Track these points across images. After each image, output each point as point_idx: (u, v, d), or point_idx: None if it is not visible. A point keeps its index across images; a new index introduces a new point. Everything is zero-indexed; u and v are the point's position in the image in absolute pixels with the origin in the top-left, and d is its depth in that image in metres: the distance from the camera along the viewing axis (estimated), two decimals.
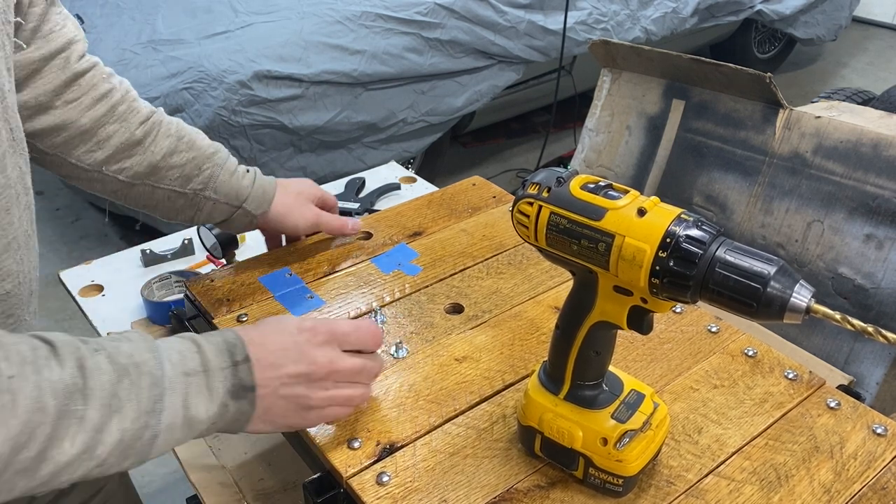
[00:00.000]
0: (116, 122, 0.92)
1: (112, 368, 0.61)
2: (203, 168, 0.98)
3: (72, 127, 0.89)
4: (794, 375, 0.87)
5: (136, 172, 0.95)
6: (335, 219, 1.09)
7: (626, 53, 1.48)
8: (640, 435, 0.72)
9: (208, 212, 1.02)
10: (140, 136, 0.94)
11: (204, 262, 1.43)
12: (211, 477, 1.02)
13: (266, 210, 1.03)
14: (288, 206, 1.05)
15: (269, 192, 1.03)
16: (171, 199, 0.99)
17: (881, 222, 1.17)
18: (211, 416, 0.67)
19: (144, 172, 0.95)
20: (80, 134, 0.90)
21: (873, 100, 2.65)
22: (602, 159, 1.55)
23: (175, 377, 0.64)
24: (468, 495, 0.73)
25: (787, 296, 0.58)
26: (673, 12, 3.76)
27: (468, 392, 0.84)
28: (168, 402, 0.64)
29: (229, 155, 1.03)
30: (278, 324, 0.74)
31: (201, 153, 0.99)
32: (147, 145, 0.95)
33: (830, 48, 5.29)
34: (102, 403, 0.59)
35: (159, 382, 0.63)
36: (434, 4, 3.03)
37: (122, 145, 0.93)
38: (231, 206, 1.02)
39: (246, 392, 0.69)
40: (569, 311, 0.71)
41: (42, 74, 0.86)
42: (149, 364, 0.63)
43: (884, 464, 0.76)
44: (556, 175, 0.68)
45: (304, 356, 0.72)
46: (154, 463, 1.66)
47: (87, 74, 0.91)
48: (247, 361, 0.69)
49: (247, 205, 1.02)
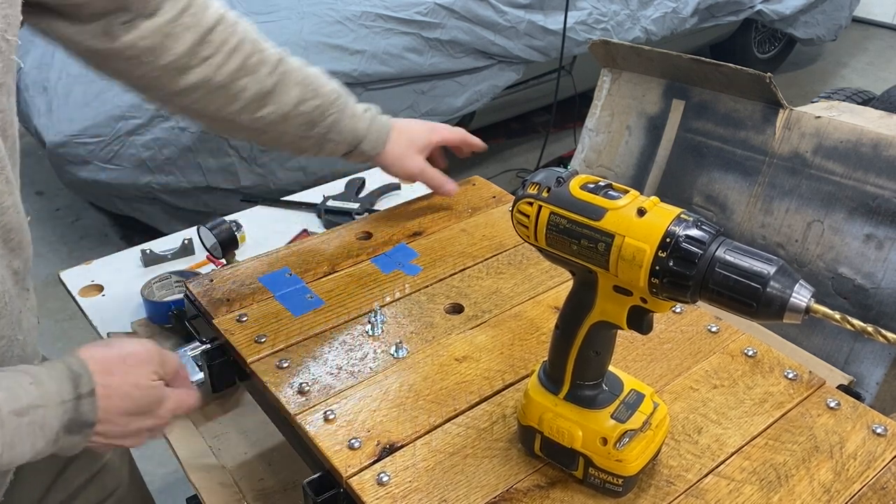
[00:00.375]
0: (248, 75, 0.97)
1: None
2: (327, 114, 1.05)
3: (209, 84, 0.95)
4: (794, 375, 0.87)
5: (269, 121, 1.02)
6: (436, 176, 1.17)
7: (626, 53, 1.48)
8: (640, 435, 0.72)
9: (330, 151, 1.10)
10: (270, 85, 1.00)
11: (204, 262, 1.43)
12: (211, 477, 1.02)
13: (380, 152, 1.12)
14: (396, 154, 1.13)
15: (382, 136, 1.11)
16: (296, 142, 1.07)
17: (881, 222, 1.17)
18: (37, 451, 0.64)
19: (276, 121, 1.02)
20: (216, 89, 0.96)
21: (873, 100, 2.65)
22: (602, 159, 1.55)
23: (3, 417, 0.61)
24: (468, 495, 0.73)
25: (786, 296, 0.58)
26: (673, 12, 3.76)
27: (468, 392, 0.84)
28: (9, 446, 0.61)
29: (349, 96, 1.09)
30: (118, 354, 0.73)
31: (326, 100, 1.05)
32: (277, 94, 1.00)
33: (830, 48, 5.29)
34: None
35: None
36: (434, 4, 3.03)
37: (255, 96, 0.99)
38: (349, 146, 1.10)
39: (83, 428, 0.67)
40: (569, 311, 0.71)
41: (175, 36, 0.91)
42: None
43: (884, 464, 0.76)
44: (555, 175, 0.68)
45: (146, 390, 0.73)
46: (154, 463, 1.66)
47: (216, 29, 0.95)
48: (91, 395, 0.66)
49: (362, 146, 1.10)
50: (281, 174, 2.86)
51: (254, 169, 2.81)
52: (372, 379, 0.86)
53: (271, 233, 1.56)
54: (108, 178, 2.72)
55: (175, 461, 1.06)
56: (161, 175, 2.73)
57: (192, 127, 2.68)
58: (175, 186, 2.77)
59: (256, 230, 1.57)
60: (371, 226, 1.15)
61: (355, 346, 0.91)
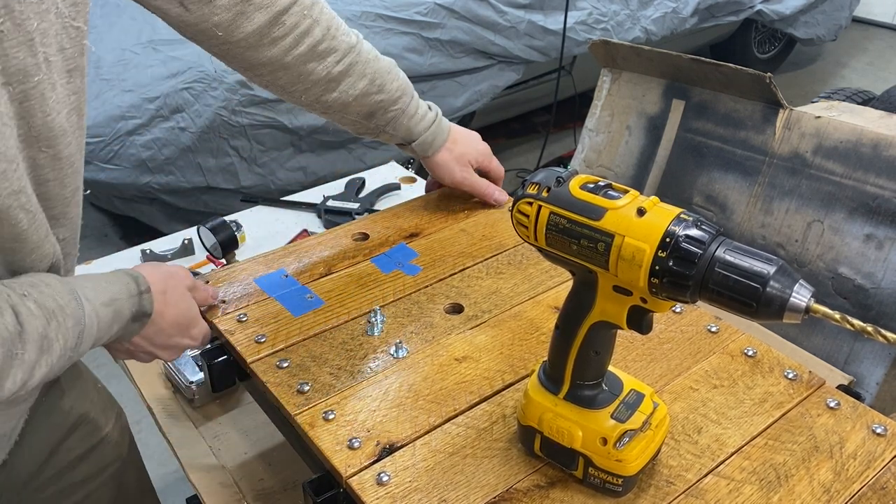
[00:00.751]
0: (316, 60, 1.01)
1: (41, 313, 0.69)
2: (388, 111, 1.09)
3: (276, 63, 0.99)
4: (794, 375, 0.87)
5: (330, 106, 1.06)
6: (482, 185, 1.19)
7: (626, 53, 1.48)
8: (640, 435, 0.72)
9: (386, 140, 1.15)
10: (336, 74, 1.03)
11: (204, 262, 1.43)
12: (211, 477, 1.02)
13: (429, 155, 1.15)
14: (445, 162, 1.16)
15: (437, 143, 1.15)
16: (354, 125, 1.11)
17: (881, 222, 1.17)
18: (112, 334, 0.79)
19: (337, 107, 1.07)
20: (283, 68, 1.00)
21: (873, 100, 2.65)
22: (602, 159, 1.55)
23: (92, 311, 0.74)
24: (468, 495, 0.73)
25: (786, 295, 0.58)
26: (673, 12, 3.76)
27: (468, 392, 0.84)
28: (86, 335, 0.74)
29: (414, 97, 1.12)
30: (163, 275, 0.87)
31: (389, 97, 1.08)
32: (343, 83, 1.04)
33: (830, 48, 5.29)
34: (37, 345, 0.68)
35: (80, 321, 0.73)
36: (434, 4, 3.03)
37: (321, 81, 1.02)
38: (403, 140, 1.14)
39: (143, 317, 0.82)
40: (569, 311, 0.71)
41: (247, 15, 0.94)
42: (71, 306, 0.72)
43: (883, 464, 0.76)
44: (555, 175, 0.68)
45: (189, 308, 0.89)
46: (154, 463, 1.67)
47: (290, 11, 0.97)
48: (148, 292, 0.82)
49: (415, 146, 1.14)
50: (281, 174, 2.86)
51: (254, 169, 2.81)
52: (372, 379, 0.86)
53: (271, 233, 1.57)
54: (108, 178, 2.72)
55: (175, 461, 1.06)
56: (161, 175, 2.74)
57: (191, 127, 2.68)
58: (175, 186, 2.77)
59: (256, 230, 1.57)
60: (368, 227, 1.15)
61: (355, 346, 0.91)
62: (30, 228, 0.72)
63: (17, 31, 0.66)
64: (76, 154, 0.78)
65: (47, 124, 0.72)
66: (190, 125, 2.68)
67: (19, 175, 0.69)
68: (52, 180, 0.76)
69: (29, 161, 0.72)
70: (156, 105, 2.67)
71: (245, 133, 2.73)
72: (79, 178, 0.81)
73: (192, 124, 2.68)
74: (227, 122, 2.69)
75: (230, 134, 2.71)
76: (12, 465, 0.87)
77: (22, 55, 0.67)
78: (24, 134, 0.71)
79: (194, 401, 1.13)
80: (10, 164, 0.67)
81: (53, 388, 0.92)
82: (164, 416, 1.13)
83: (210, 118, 2.67)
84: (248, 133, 2.74)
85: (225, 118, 2.68)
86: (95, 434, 1.00)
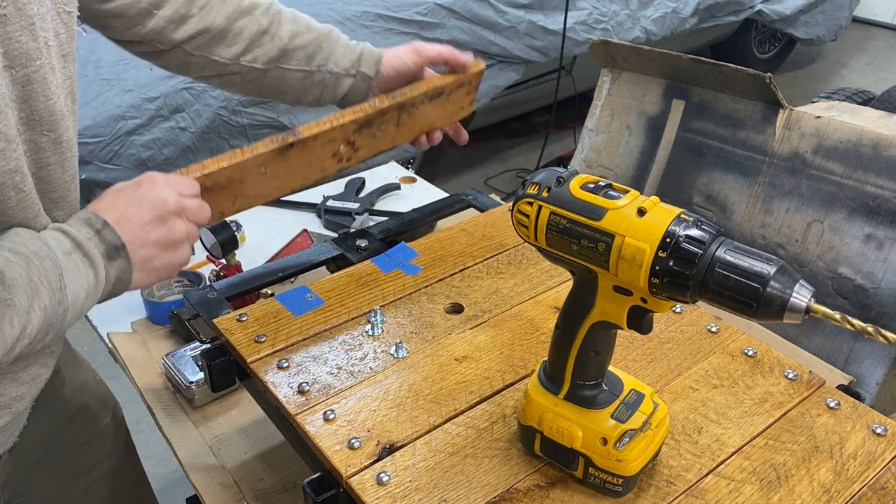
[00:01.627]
0: (243, 16, 1.01)
1: (18, 259, 0.69)
2: (322, 45, 1.07)
3: (211, 29, 0.99)
4: (794, 375, 0.87)
5: (269, 58, 1.04)
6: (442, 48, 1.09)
7: (626, 53, 1.48)
8: (640, 435, 0.72)
9: (332, 87, 1.09)
10: (265, 24, 1.03)
11: (204, 262, 1.43)
12: (211, 477, 1.02)
13: (379, 70, 1.08)
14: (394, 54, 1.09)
15: (376, 53, 1.09)
16: (299, 81, 1.07)
17: (881, 222, 1.17)
18: (101, 280, 0.75)
19: (276, 56, 1.04)
20: (218, 33, 1.00)
21: (873, 100, 2.65)
22: (602, 159, 1.55)
23: (62, 258, 0.72)
24: (468, 495, 0.73)
25: (786, 296, 0.58)
26: (673, 12, 3.76)
27: (468, 392, 0.84)
28: (67, 279, 0.72)
29: (339, 31, 1.11)
30: (120, 187, 0.81)
31: (319, 33, 1.07)
32: (273, 32, 1.04)
33: (830, 48, 5.29)
34: (24, 290, 0.67)
35: (57, 263, 0.71)
36: (434, 4, 3.03)
37: (253, 35, 1.02)
38: (349, 76, 1.09)
39: (118, 251, 0.77)
40: (569, 310, 0.71)
41: None
42: (43, 250, 0.71)
43: (883, 464, 0.76)
44: (556, 175, 0.68)
45: (152, 201, 0.79)
46: (154, 463, 1.67)
47: None
48: (107, 226, 0.77)
49: (361, 67, 1.08)
50: None
51: None
52: (372, 379, 0.86)
53: (271, 233, 1.57)
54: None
55: (175, 461, 1.06)
56: None
57: (191, 127, 2.68)
58: None
59: (256, 230, 1.57)
60: None
61: (355, 346, 0.91)
62: (17, 206, 0.72)
63: (19, 15, 0.67)
64: (74, 138, 0.79)
65: (49, 108, 0.73)
66: (190, 125, 2.68)
67: (17, 156, 0.70)
68: (54, 164, 0.77)
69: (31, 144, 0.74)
70: (156, 105, 2.67)
71: (245, 133, 2.73)
72: (76, 163, 0.81)
73: (192, 124, 2.68)
74: (227, 122, 2.69)
75: (230, 134, 2.71)
76: (19, 451, 0.88)
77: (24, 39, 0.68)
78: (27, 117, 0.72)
79: (194, 401, 1.13)
80: (10, 143, 0.68)
81: (55, 377, 0.92)
82: (164, 416, 1.13)
83: (210, 118, 2.67)
84: (248, 133, 2.74)
85: (225, 118, 2.68)
86: (94, 426, 1.02)
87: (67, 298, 0.72)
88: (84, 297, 0.74)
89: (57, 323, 0.72)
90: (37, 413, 0.89)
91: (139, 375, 1.20)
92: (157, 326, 1.29)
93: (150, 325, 1.30)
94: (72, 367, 0.99)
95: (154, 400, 1.16)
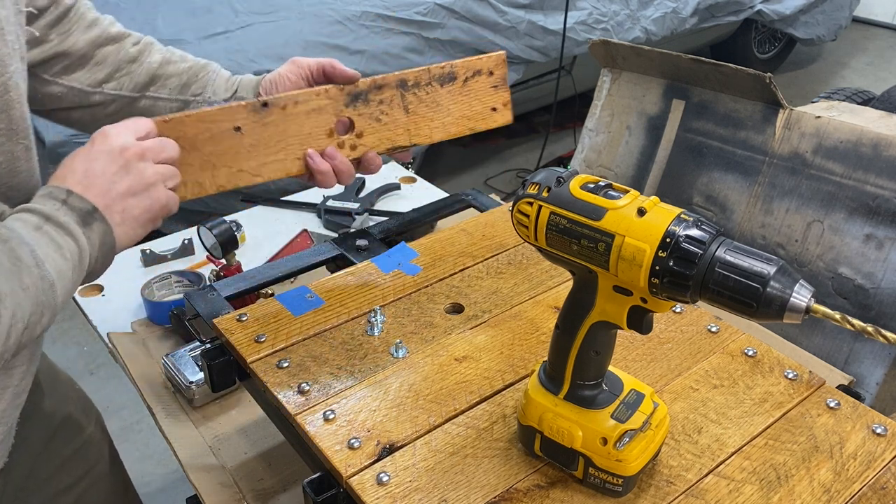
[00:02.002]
0: (110, 43, 0.95)
1: None
2: (199, 75, 1.00)
3: (70, 54, 0.92)
4: (794, 375, 0.87)
5: (137, 83, 0.97)
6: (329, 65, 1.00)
7: (626, 53, 1.48)
8: (640, 435, 0.72)
9: None
10: (135, 53, 0.97)
11: (204, 262, 1.43)
12: (211, 477, 1.02)
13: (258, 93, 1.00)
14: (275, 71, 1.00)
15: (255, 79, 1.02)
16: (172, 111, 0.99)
17: (881, 222, 1.17)
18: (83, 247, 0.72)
19: (144, 82, 0.97)
20: (79, 59, 0.93)
21: (873, 100, 2.65)
22: (602, 159, 1.55)
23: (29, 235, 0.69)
24: (468, 495, 0.73)
25: (786, 296, 0.58)
26: (673, 12, 3.76)
27: (468, 392, 0.84)
28: (41, 253, 0.69)
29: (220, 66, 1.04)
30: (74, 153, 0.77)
31: (196, 63, 1.00)
32: (142, 60, 0.97)
33: (830, 48, 5.29)
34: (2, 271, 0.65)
35: (23, 240, 0.68)
36: (434, 4, 3.03)
37: (119, 62, 0.96)
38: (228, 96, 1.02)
39: (91, 214, 0.74)
40: (569, 310, 0.71)
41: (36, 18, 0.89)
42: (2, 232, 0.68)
43: (883, 464, 0.76)
44: (556, 175, 0.68)
45: (109, 153, 0.76)
46: (154, 463, 1.66)
47: (75, 6, 0.93)
48: (70, 193, 0.73)
49: (239, 92, 1.01)
50: None
51: None
52: (372, 379, 0.86)
53: (271, 233, 1.57)
54: None
55: (175, 461, 1.06)
56: None
57: None
58: None
59: (256, 230, 1.57)
60: None
61: (355, 346, 0.91)
62: None
63: None
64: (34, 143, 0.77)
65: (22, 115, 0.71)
66: None
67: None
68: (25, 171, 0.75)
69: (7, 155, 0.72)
70: None
71: None
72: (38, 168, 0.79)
73: None
74: None
75: None
76: (9, 469, 0.87)
77: None
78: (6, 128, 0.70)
79: (194, 401, 1.13)
80: None
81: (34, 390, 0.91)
82: (164, 416, 1.13)
83: None
84: None
85: None
86: (79, 435, 1.01)
87: (50, 273, 0.69)
88: (71, 270, 0.71)
89: (48, 301, 0.69)
90: (22, 429, 0.89)
91: (139, 375, 1.20)
92: (157, 326, 1.29)
93: (150, 325, 1.30)
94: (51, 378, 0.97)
95: (154, 400, 1.16)
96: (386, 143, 0.95)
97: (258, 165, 0.86)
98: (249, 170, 0.86)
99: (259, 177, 0.87)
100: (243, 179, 0.86)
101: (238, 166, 0.85)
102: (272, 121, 0.85)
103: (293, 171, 0.89)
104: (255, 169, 0.86)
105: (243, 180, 0.86)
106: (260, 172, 0.87)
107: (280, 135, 0.86)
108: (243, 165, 0.85)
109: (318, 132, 0.89)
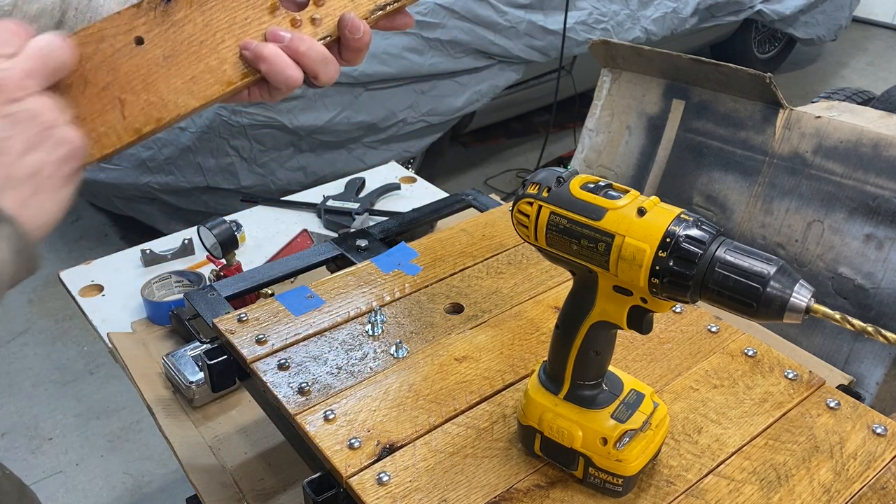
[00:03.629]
0: None
1: None
2: None
3: None
4: (794, 375, 0.87)
5: None
6: None
7: (626, 53, 1.48)
8: (640, 435, 0.72)
9: None
10: None
11: (204, 262, 1.43)
12: (211, 477, 1.02)
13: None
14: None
15: None
16: None
17: (881, 222, 1.17)
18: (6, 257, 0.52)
19: None
20: None
21: (873, 100, 2.65)
22: (602, 159, 1.55)
23: None
24: (468, 495, 0.73)
25: (786, 295, 0.58)
26: (673, 12, 3.76)
27: (468, 392, 0.84)
28: None
29: None
30: None
31: None
32: None
33: (830, 48, 5.29)
34: None
35: None
36: (434, 4, 3.02)
37: None
38: None
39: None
40: (569, 310, 0.71)
41: None
42: None
43: (884, 464, 0.76)
44: (556, 175, 0.68)
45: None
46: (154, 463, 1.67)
47: None
48: None
49: None
50: (281, 174, 2.86)
51: (254, 169, 2.81)
52: (372, 379, 0.86)
53: (271, 233, 1.57)
54: (108, 177, 2.72)
55: (175, 461, 1.06)
56: (161, 175, 2.74)
57: (191, 127, 2.68)
58: (175, 186, 2.77)
59: (256, 230, 1.57)
60: None
61: (355, 346, 0.91)
62: None
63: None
64: None
65: None
66: (190, 125, 2.68)
67: None
68: None
69: None
70: None
71: (245, 133, 2.73)
72: None
73: (191, 124, 2.68)
74: (226, 122, 2.68)
75: (230, 134, 2.71)
76: None
77: None
78: None
79: (194, 401, 1.13)
80: None
81: None
82: (164, 416, 1.13)
83: (210, 118, 2.67)
84: (248, 133, 2.73)
85: (225, 118, 2.68)
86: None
87: None
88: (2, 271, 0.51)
89: None
90: None
91: (139, 375, 1.20)
92: (157, 326, 1.29)
93: (150, 325, 1.30)
94: None
95: (154, 400, 1.16)
96: (367, 2, 0.67)
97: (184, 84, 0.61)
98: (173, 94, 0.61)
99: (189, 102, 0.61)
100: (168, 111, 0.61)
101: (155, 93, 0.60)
102: (184, 17, 0.61)
103: (237, 79, 0.63)
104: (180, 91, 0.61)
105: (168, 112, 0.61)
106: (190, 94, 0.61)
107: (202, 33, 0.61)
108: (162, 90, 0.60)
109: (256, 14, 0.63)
